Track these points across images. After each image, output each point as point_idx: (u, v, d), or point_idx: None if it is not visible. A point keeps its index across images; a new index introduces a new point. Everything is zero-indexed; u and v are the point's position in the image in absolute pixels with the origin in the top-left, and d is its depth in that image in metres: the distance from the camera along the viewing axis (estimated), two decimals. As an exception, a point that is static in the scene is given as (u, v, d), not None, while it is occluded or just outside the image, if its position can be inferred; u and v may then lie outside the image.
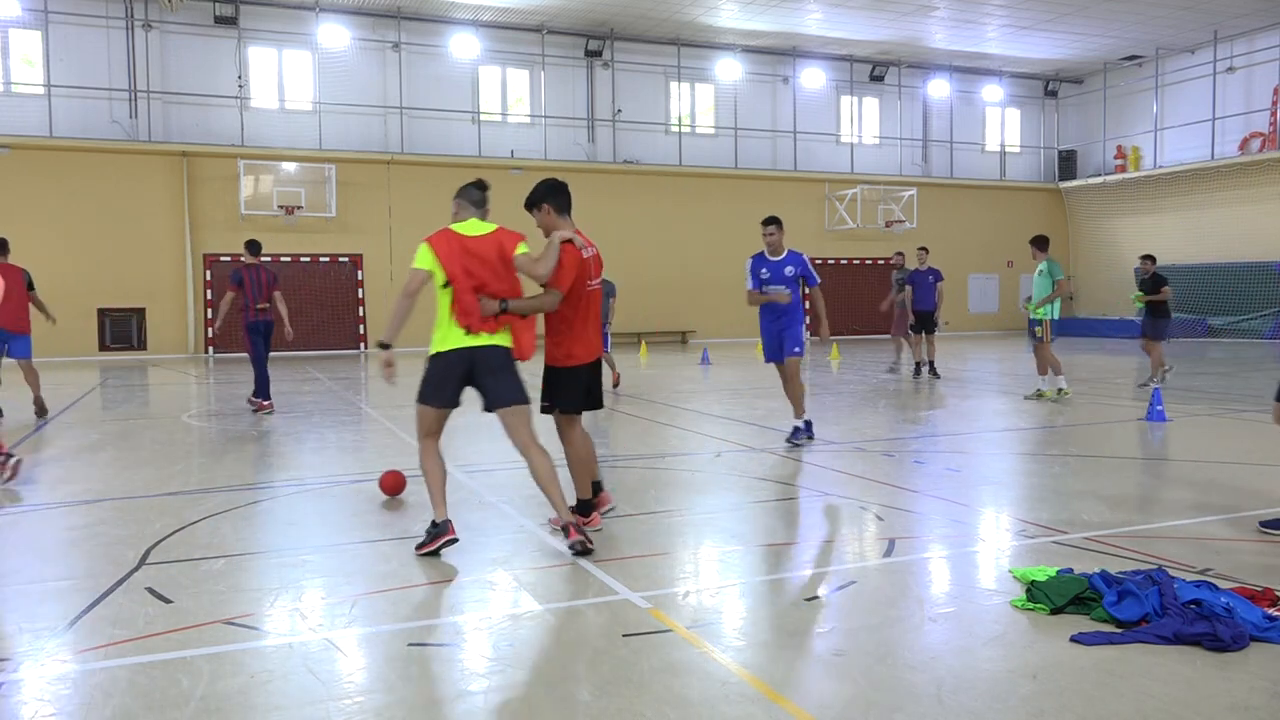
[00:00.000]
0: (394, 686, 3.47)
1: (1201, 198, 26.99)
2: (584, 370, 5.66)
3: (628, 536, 5.54)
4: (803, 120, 28.91)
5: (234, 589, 4.64)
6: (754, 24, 25.79)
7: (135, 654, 3.77)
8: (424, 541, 5.16)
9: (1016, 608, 4.18)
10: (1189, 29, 26.24)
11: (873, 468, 7.68)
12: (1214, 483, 5.97)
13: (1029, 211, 31.04)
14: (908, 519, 5.95)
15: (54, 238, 21.29)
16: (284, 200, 22.99)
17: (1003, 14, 25.20)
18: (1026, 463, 8.20)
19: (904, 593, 4.50)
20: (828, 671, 3.58)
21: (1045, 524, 5.70)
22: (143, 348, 22.42)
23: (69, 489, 7.13)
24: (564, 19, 25.18)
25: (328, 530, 6.02)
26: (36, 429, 10.37)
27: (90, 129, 22.09)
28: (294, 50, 24.04)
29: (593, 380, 5.74)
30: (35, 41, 21.97)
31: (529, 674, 3.60)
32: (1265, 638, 3.74)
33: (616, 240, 25.35)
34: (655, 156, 27.24)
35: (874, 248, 29.27)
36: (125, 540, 5.52)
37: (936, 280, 15.45)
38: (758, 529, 5.88)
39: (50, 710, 3.30)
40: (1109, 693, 3.32)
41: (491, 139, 25.53)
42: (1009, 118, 32.44)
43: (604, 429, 10.14)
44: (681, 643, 3.85)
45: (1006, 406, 11.74)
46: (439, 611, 4.33)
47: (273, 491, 7.05)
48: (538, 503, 6.46)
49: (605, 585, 4.61)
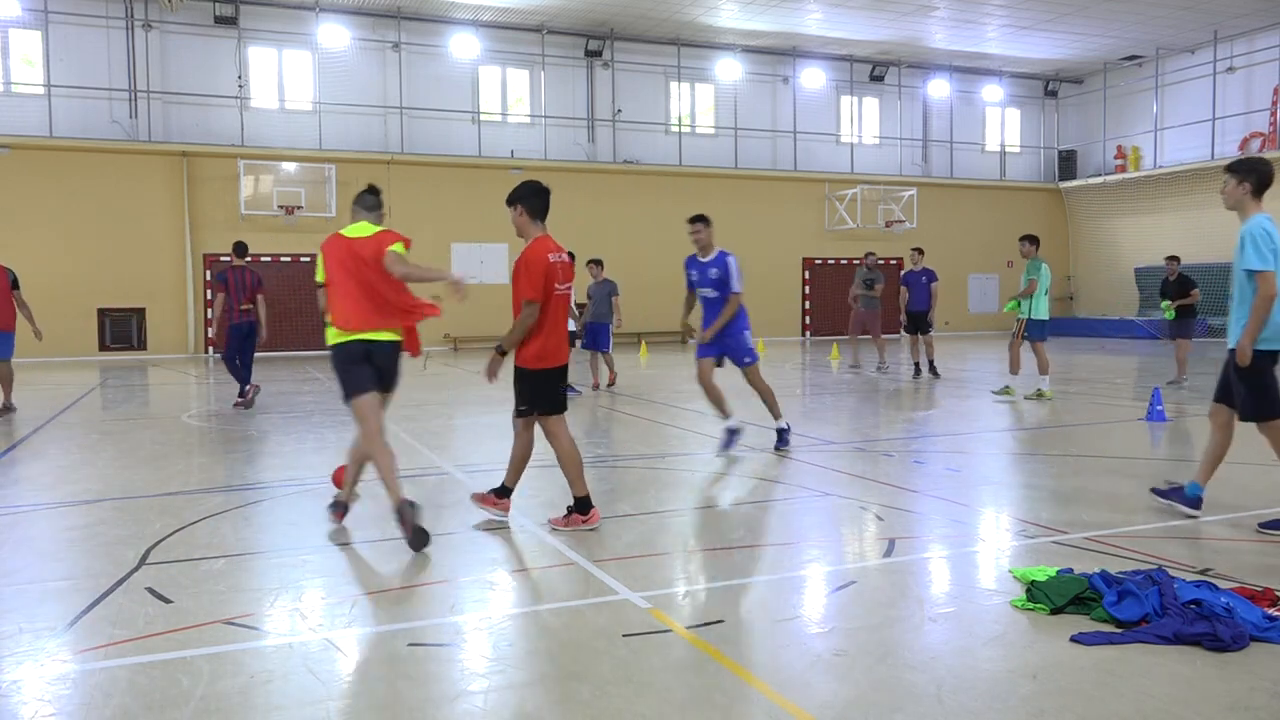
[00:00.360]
0: (394, 686, 3.47)
1: (1201, 198, 26.96)
2: (557, 373, 5.78)
3: (628, 536, 5.55)
4: (803, 120, 28.91)
5: (234, 589, 4.64)
6: (754, 24, 25.79)
7: (135, 654, 3.78)
8: (413, 527, 5.16)
9: (1016, 608, 4.18)
10: (1189, 29, 26.24)
11: (873, 468, 7.68)
12: (1214, 482, 5.98)
13: (1029, 211, 31.02)
14: (908, 519, 5.95)
15: (54, 238, 21.30)
16: (284, 200, 22.98)
17: (1003, 14, 25.20)
18: (1026, 463, 8.20)
19: (904, 593, 4.50)
20: (828, 671, 3.58)
21: (1045, 524, 5.70)
22: (143, 348, 22.42)
23: (69, 489, 7.13)
24: (564, 19, 25.18)
25: (328, 530, 6.02)
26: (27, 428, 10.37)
27: (90, 129, 22.09)
28: (294, 50, 24.04)
29: (562, 382, 5.88)
30: (35, 41, 21.96)
31: (529, 674, 3.60)
32: (1265, 638, 3.74)
33: (616, 240, 25.40)
34: (655, 156, 27.24)
35: (874, 248, 29.20)
36: (125, 540, 5.52)
37: (930, 281, 15.40)
38: (758, 529, 5.89)
39: (50, 710, 3.30)
40: (1109, 693, 3.32)
41: (491, 139, 25.53)
42: (1009, 118, 32.44)
43: (604, 429, 10.14)
44: (681, 643, 3.85)
45: (1006, 406, 11.73)
46: (439, 611, 4.33)
47: (273, 491, 7.05)
48: (538, 503, 6.47)
49: (605, 585, 4.61)
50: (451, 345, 24.47)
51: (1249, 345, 5.41)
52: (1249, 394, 5.52)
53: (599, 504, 6.26)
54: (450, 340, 24.47)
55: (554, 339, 5.71)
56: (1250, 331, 5.39)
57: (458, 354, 23.23)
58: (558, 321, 5.74)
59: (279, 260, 23.10)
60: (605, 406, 11.85)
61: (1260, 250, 5.38)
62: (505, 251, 24.50)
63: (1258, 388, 5.51)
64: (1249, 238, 5.44)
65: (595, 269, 14.11)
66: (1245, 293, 5.47)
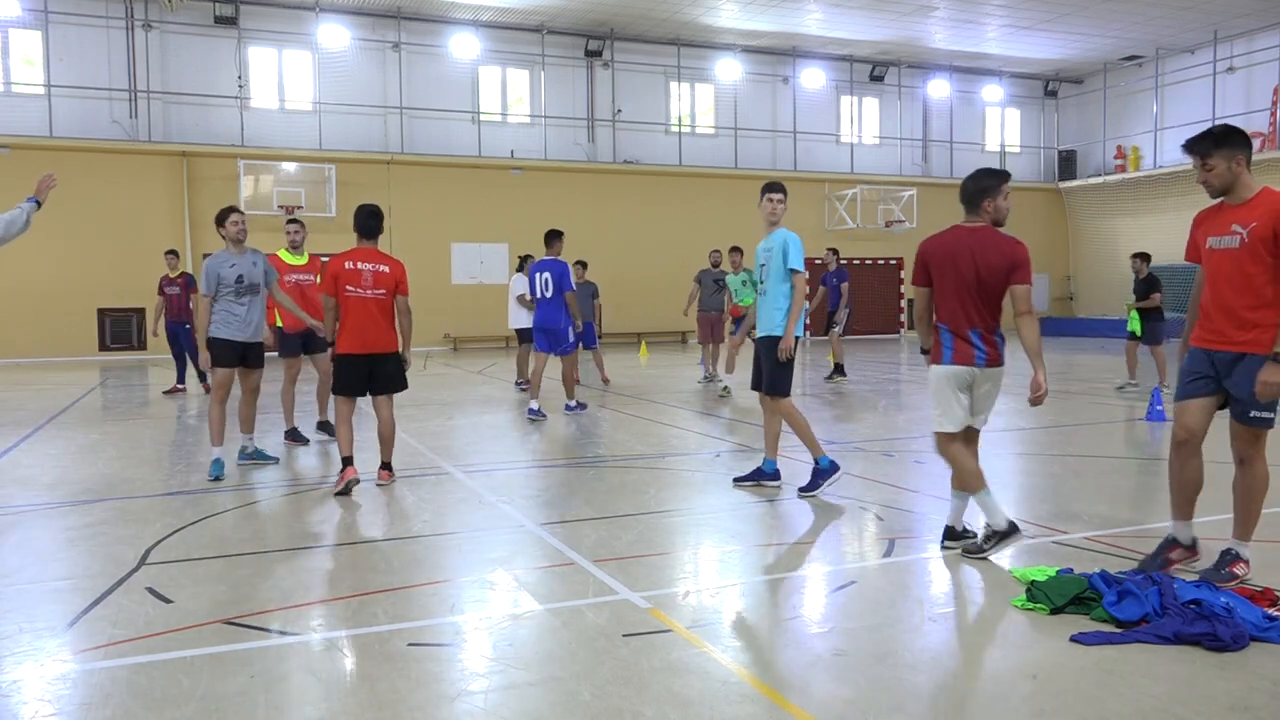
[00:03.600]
0: (394, 686, 3.47)
1: (1201, 198, 26.68)
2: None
3: (628, 536, 5.55)
4: (803, 120, 28.91)
5: (234, 589, 4.64)
6: (754, 24, 25.78)
7: (135, 654, 3.78)
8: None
9: (1016, 608, 4.18)
10: (1189, 29, 26.24)
11: (873, 468, 7.68)
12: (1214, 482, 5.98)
13: (1029, 211, 30.99)
14: (908, 519, 5.95)
15: (54, 238, 21.26)
16: (284, 200, 22.97)
17: (1003, 14, 25.20)
18: (1026, 463, 8.20)
19: (904, 593, 4.50)
20: (828, 671, 3.58)
21: (1045, 524, 5.70)
22: (143, 348, 22.39)
23: (69, 489, 7.13)
24: (564, 19, 25.17)
25: (327, 530, 6.02)
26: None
27: (90, 129, 22.09)
28: (294, 50, 24.04)
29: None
30: (35, 41, 21.96)
31: (529, 674, 3.60)
32: (1265, 638, 3.74)
33: (616, 240, 25.42)
34: (655, 156, 27.24)
35: (874, 248, 29.28)
36: (125, 540, 5.52)
37: (841, 281, 15.26)
38: (758, 529, 5.89)
39: (50, 710, 3.30)
40: (1109, 693, 3.32)
41: (491, 139, 25.52)
42: (1009, 118, 32.44)
43: (604, 429, 10.14)
44: (681, 643, 3.85)
45: (1005, 406, 11.73)
46: (439, 611, 4.33)
47: (272, 491, 7.05)
48: (538, 503, 6.48)
49: (605, 585, 4.61)
50: (451, 345, 24.47)
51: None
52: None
53: (599, 504, 6.27)
54: (450, 340, 24.47)
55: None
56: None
57: (457, 353, 23.22)
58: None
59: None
60: (605, 406, 11.84)
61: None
62: (505, 251, 24.49)
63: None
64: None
65: (579, 270, 14.20)
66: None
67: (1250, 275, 4.43)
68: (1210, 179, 4.57)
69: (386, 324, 6.96)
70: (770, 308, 6.70)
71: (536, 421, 10.43)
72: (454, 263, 24.44)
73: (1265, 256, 4.38)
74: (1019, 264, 4.88)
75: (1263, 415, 4.44)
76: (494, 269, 24.71)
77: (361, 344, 6.85)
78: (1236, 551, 4.58)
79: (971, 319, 4.92)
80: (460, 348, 24.48)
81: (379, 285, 6.86)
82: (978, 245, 4.90)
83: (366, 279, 6.81)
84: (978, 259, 4.87)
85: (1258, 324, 4.41)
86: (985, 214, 4.97)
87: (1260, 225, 4.37)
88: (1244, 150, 4.50)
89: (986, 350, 4.94)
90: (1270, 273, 4.39)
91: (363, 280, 6.80)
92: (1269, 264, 4.38)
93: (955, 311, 4.95)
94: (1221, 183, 4.55)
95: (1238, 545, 4.60)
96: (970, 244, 4.92)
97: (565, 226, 12.72)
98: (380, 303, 6.87)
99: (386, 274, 6.89)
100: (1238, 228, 4.47)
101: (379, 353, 6.93)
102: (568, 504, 6.47)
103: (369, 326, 6.86)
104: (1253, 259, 4.41)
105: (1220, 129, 4.59)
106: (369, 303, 6.83)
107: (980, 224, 4.99)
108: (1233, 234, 4.49)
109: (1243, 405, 4.46)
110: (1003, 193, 4.98)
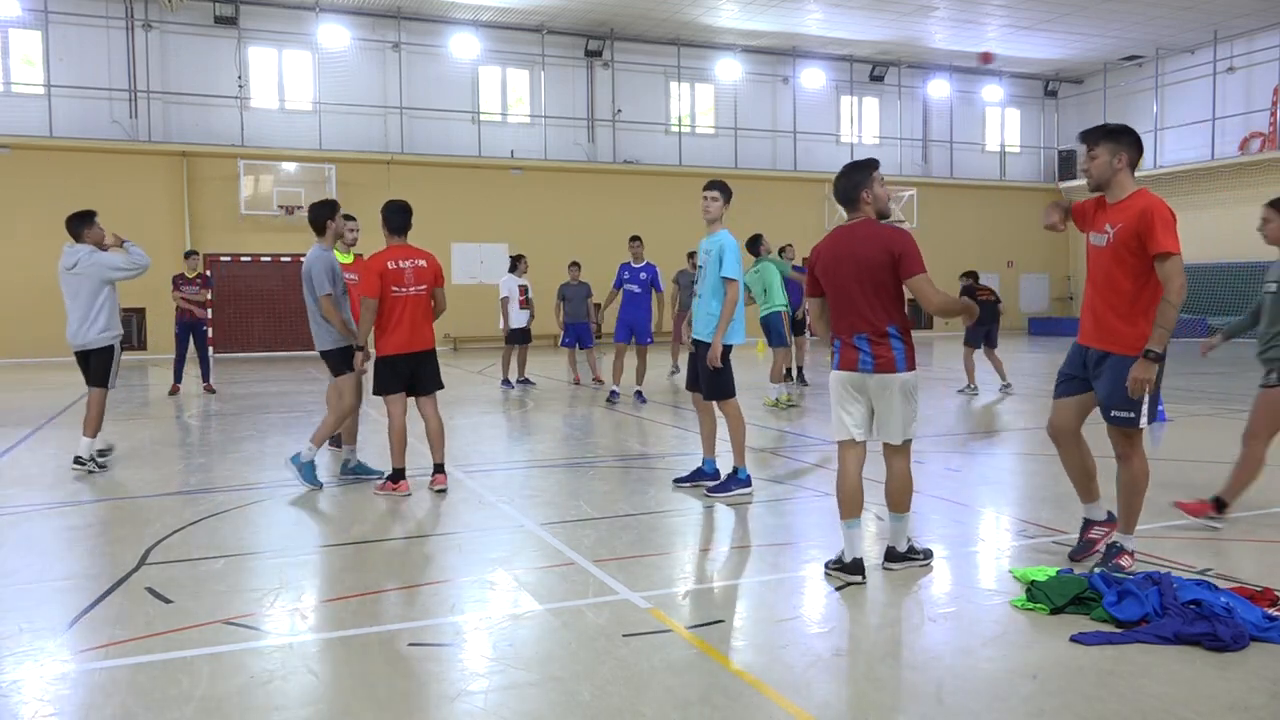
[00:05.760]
0: (394, 686, 3.47)
1: (1201, 198, 26.96)
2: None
3: (628, 536, 5.55)
4: (803, 120, 28.91)
5: (234, 589, 4.64)
6: (754, 24, 25.78)
7: (135, 654, 3.78)
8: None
9: (1016, 608, 4.18)
10: (1189, 29, 26.23)
11: (871, 468, 7.67)
12: (1214, 483, 5.98)
13: (1029, 211, 31.01)
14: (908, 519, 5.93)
15: (54, 238, 21.21)
16: (284, 200, 22.98)
17: (1003, 14, 25.20)
18: (1026, 463, 8.20)
19: (904, 593, 4.50)
20: (828, 671, 3.58)
21: (1045, 524, 5.70)
22: (143, 348, 22.39)
23: (69, 489, 7.13)
24: (564, 19, 25.17)
25: (328, 530, 6.02)
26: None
27: (90, 129, 22.08)
28: (294, 50, 24.04)
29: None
30: (35, 41, 21.96)
31: (529, 674, 3.60)
32: (1265, 638, 3.74)
33: (616, 240, 25.37)
34: (655, 156, 27.24)
35: (874, 248, 29.26)
36: (125, 540, 5.53)
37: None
38: (758, 529, 5.88)
39: (50, 710, 3.30)
40: (1109, 693, 3.32)
41: (491, 139, 25.52)
42: (1009, 118, 32.44)
43: (604, 429, 10.14)
44: (681, 643, 3.85)
45: (1006, 406, 11.74)
46: (439, 611, 4.33)
47: (272, 491, 7.05)
48: (538, 503, 6.47)
49: (605, 585, 4.61)
50: (452, 345, 24.47)
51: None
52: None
53: (599, 504, 6.27)
54: (450, 340, 24.46)
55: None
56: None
57: (457, 353, 23.22)
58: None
59: (279, 260, 23.10)
60: (605, 406, 11.84)
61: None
62: (505, 251, 24.47)
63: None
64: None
65: (573, 270, 14.31)
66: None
67: (1113, 276, 4.48)
68: (1091, 168, 4.61)
69: (428, 321, 6.88)
70: (704, 312, 6.65)
71: (613, 404, 11.88)
72: (454, 263, 24.44)
73: (1128, 258, 4.42)
74: (901, 253, 4.49)
75: (1122, 415, 4.49)
76: (494, 269, 24.67)
77: (409, 343, 6.76)
78: (1120, 544, 4.67)
79: (855, 324, 4.59)
80: (460, 348, 24.48)
81: (420, 281, 6.75)
82: (856, 241, 4.62)
83: (409, 276, 6.71)
84: (858, 256, 4.58)
85: (1116, 325, 4.47)
86: (866, 207, 4.71)
87: (1125, 227, 4.42)
88: (1130, 151, 4.53)
89: (875, 355, 4.55)
90: (1133, 274, 4.42)
91: (405, 279, 6.69)
92: (1131, 265, 4.42)
93: (842, 316, 4.66)
94: (1099, 175, 4.59)
95: (1123, 538, 4.68)
96: (849, 243, 4.64)
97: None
98: (421, 299, 6.77)
99: (425, 269, 6.80)
100: (1108, 227, 4.52)
101: (421, 350, 6.85)
102: (568, 504, 6.47)
103: (418, 324, 6.78)
104: (1115, 260, 4.46)
105: (1116, 126, 4.65)
106: (413, 300, 6.73)
107: (859, 218, 4.72)
108: (1104, 233, 4.55)
109: (1104, 405, 4.57)
110: (877, 180, 4.72)
